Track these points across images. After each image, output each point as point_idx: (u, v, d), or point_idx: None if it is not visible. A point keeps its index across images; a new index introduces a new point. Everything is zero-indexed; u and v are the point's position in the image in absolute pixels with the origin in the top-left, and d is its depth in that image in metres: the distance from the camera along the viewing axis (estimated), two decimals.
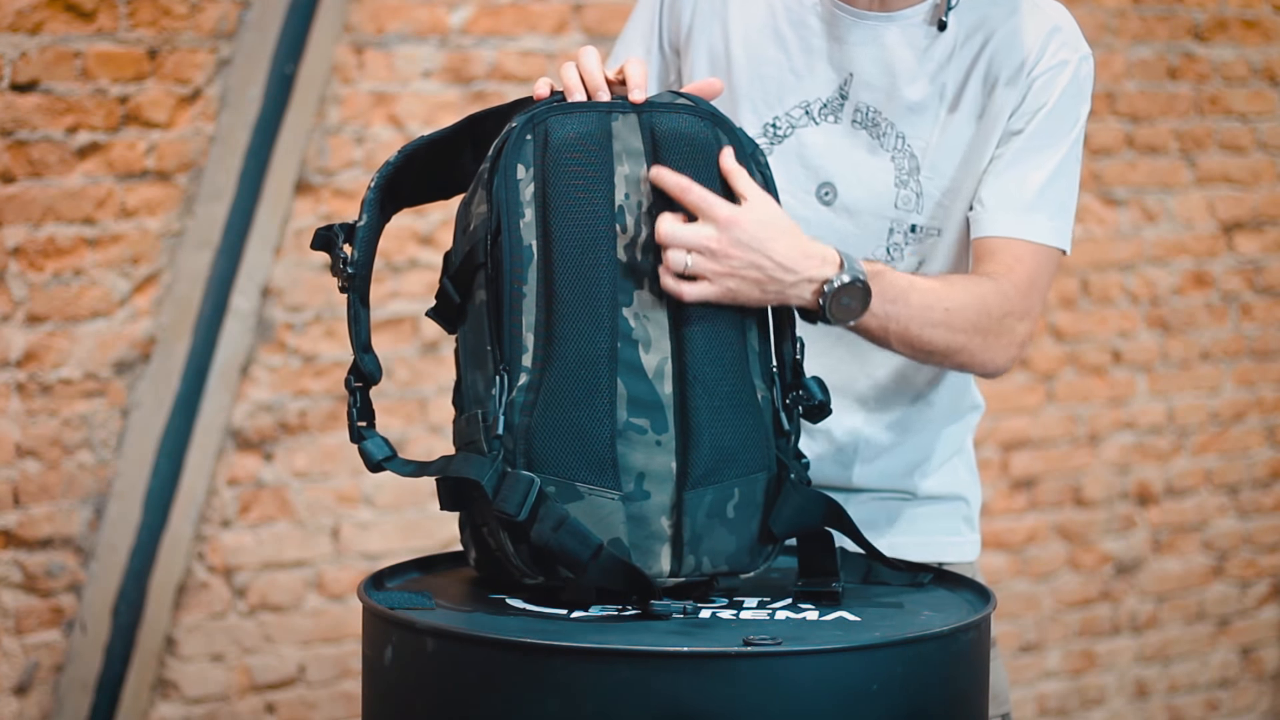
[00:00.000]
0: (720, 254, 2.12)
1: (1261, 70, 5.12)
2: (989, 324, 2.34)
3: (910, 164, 2.44)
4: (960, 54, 2.43)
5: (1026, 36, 2.42)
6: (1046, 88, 2.42)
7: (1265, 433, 5.24)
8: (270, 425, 3.98)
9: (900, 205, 2.44)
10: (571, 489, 2.07)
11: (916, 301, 2.28)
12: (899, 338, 2.29)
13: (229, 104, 3.86)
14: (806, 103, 2.46)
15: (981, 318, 2.34)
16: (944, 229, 2.45)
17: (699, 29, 2.49)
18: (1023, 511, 4.92)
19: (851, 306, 2.19)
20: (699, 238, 2.12)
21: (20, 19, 3.65)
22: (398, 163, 2.23)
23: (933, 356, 2.34)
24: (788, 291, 2.16)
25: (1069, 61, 2.43)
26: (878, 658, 2.00)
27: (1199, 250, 5.09)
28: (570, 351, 2.09)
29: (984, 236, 2.42)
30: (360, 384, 2.19)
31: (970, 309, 2.33)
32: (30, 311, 3.72)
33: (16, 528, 3.74)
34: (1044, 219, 2.42)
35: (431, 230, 4.09)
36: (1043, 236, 2.42)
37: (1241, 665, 5.27)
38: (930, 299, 2.29)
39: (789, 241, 2.16)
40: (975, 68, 2.43)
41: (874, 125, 2.45)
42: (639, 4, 2.56)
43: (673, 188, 2.12)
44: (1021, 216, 2.41)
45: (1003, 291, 2.36)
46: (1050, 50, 2.42)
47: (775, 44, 2.46)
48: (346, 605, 4.07)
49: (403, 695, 2.06)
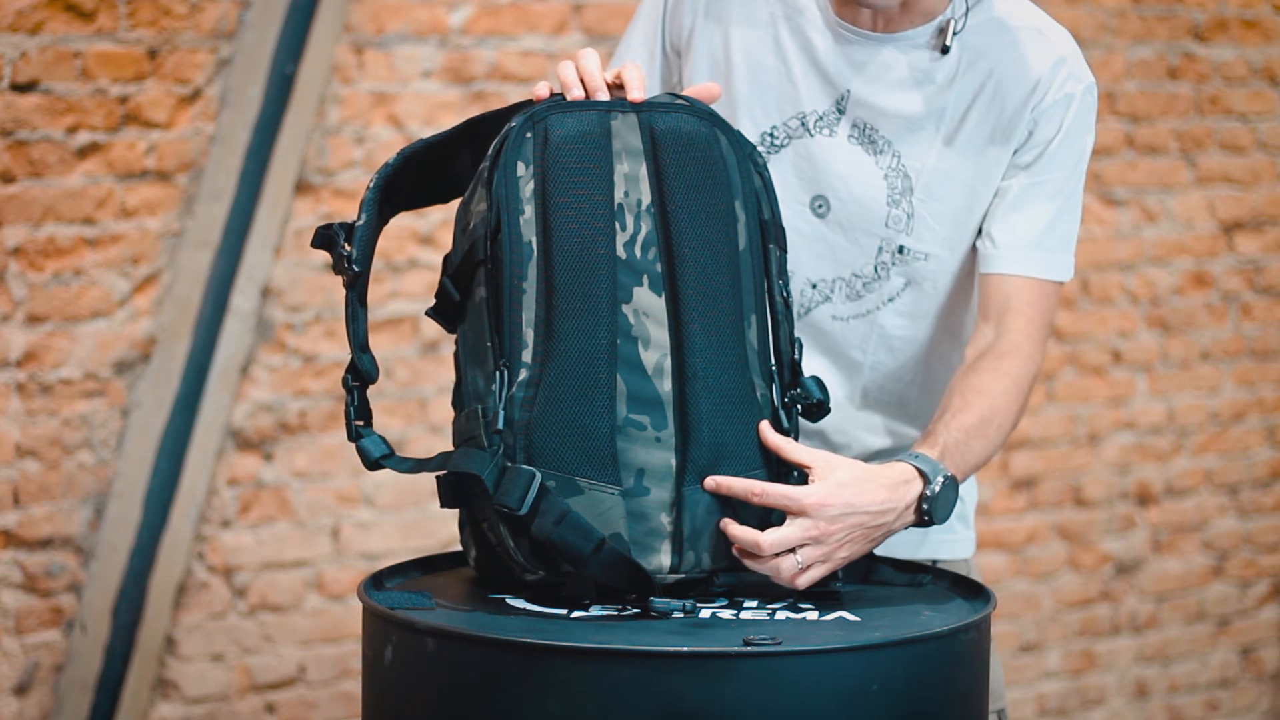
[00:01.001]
0: (824, 538, 2.13)
1: (1261, 70, 5.11)
2: (1026, 401, 2.40)
3: (904, 184, 2.44)
4: (963, 80, 2.43)
5: (1032, 68, 2.42)
6: (1053, 122, 2.42)
7: (1265, 433, 5.24)
8: (270, 425, 3.98)
9: (890, 225, 2.44)
10: (572, 484, 2.08)
11: (978, 445, 2.31)
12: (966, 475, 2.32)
13: (229, 104, 3.86)
14: (803, 114, 2.45)
15: (1022, 402, 2.39)
16: (934, 254, 2.44)
17: (700, 32, 2.49)
18: (1023, 511, 4.92)
19: (950, 499, 2.22)
20: (800, 535, 2.12)
21: (20, 19, 3.65)
22: (396, 165, 2.24)
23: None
24: (895, 525, 2.19)
25: (1074, 95, 2.43)
26: (878, 658, 2.00)
27: (1199, 250, 5.09)
28: (570, 347, 2.09)
29: (996, 274, 2.44)
30: (358, 383, 2.20)
31: (1014, 409, 2.37)
32: (30, 311, 3.72)
33: (16, 528, 3.74)
34: (1054, 256, 2.45)
35: (431, 230, 4.09)
36: (1053, 274, 2.45)
37: (1241, 665, 5.27)
38: (985, 430, 2.32)
39: (871, 489, 2.17)
40: (980, 96, 2.43)
41: (871, 142, 2.45)
42: (643, 5, 2.56)
43: (743, 494, 2.12)
44: (1034, 255, 2.43)
45: (1030, 358, 2.41)
46: (1057, 83, 2.42)
47: (775, 53, 2.46)
48: (346, 605, 4.07)
49: (403, 695, 2.06)
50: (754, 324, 2.18)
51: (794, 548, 2.12)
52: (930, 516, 2.20)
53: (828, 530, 2.13)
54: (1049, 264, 2.44)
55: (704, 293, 2.14)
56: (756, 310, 2.18)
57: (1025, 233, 2.43)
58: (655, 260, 2.13)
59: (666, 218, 2.15)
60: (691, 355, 2.12)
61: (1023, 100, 2.42)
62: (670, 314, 2.13)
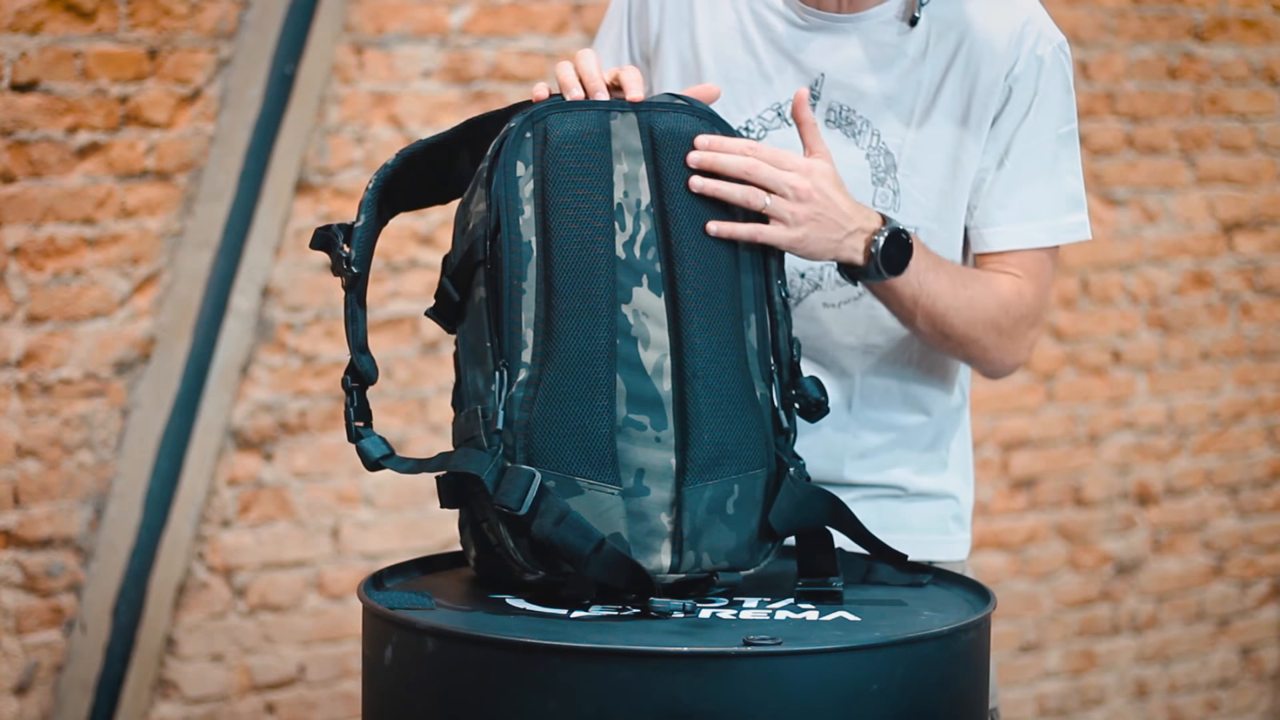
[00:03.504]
0: (805, 197, 2.20)
1: (1261, 70, 5.11)
2: (1006, 323, 2.40)
3: (886, 161, 2.45)
4: (935, 50, 2.44)
5: (1000, 33, 2.43)
6: (1027, 87, 2.43)
7: (1265, 433, 5.24)
8: (270, 425, 3.99)
9: (878, 203, 2.44)
10: (571, 484, 2.08)
11: (945, 280, 2.35)
12: (926, 313, 2.34)
13: (229, 104, 3.86)
14: (778, 104, 2.46)
15: (1000, 315, 2.40)
16: (923, 228, 2.45)
17: (667, 37, 2.50)
18: (1023, 511, 4.92)
19: (896, 260, 2.27)
20: (786, 178, 2.19)
21: (20, 19, 3.65)
22: (395, 166, 2.24)
23: (949, 341, 2.38)
24: (845, 242, 2.25)
25: (1044, 57, 2.44)
26: (878, 658, 2.00)
27: (1199, 250, 5.09)
28: (570, 347, 2.09)
29: (992, 250, 2.46)
30: (357, 384, 2.20)
31: (991, 303, 2.40)
32: (30, 311, 3.72)
33: (16, 528, 3.74)
34: (1049, 223, 2.44)
35: (431, 230, 4.10)
36: (1050, 239, 2.45)
37: (1241, 665, 5.27)
38: (957, 283, 2.36)
39: (844, 194, 2.25)
40: (953, 66, 2.43)
41: (848, 124, 2.45)
42: (607, 16, 2.57)
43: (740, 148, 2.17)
44: (1026, 226, 2.44)
45: (1021, 294, 2.43)
46: (1026, 45, 2.43)
47: (744, 48, 2.47)
48: (346, 605, 4.07)
49: (403, 695, 2.06)
50: (753, 324, 2.18)
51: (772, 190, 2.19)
52: (875, 255, 2.25)
53: (810, 194, 2.21)
54: (1048, 231, 2.45)
55: (703, 293, 2.14)
56: (756, 310, 2.19)
57: (1019, 206, 2.45)
58: (655, 260, 2.13)
59: (666, 218, 2.15)
60: (691, 355, 2.12)
61: (995, 66, 2.43)
62: (670, 314, 2.13)
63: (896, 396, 2.52)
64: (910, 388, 2.52)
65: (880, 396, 2.51)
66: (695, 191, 2.15)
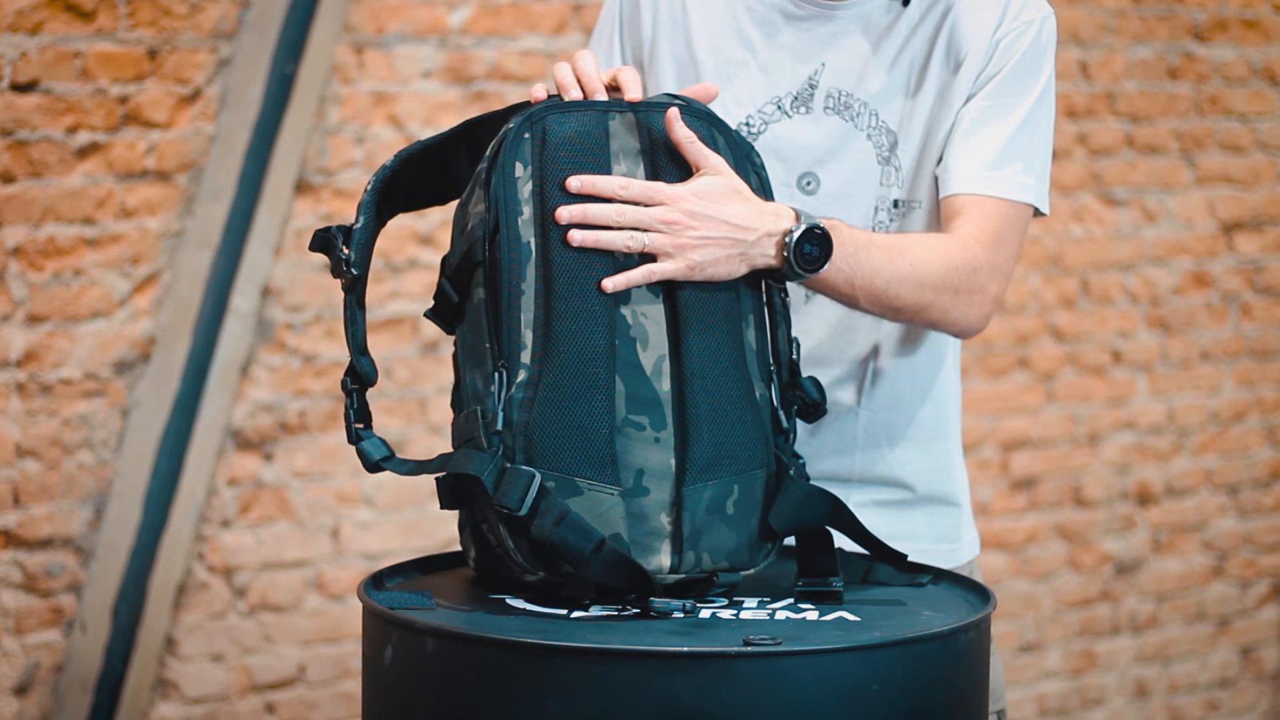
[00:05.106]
0: (679, 226, 2.13)
1: (1261, 70, 5.12)
2: (958, 280, 2.34)
3: (889, 139, 2.45)
4: (923, 26, 2.44)
5: (987, 3, 2.43)
6: (1009, 51, 2.43)
7: (1265, 433, 5.24)
8: (270, 425, 3.99)
9: (885, 182, 2.44)
10: (571, 484, 2.08)
11: (879, 255, 2.27)
12: (867, 293, 2.28)
13: (229, 104, 3.86)
14: (778, 97, 2.46)
15: (950, 273, 2.33)
16: (920, 199, 2.45)
17: (662, 40, 2.49)
18: (1023, 511, 4.92)
19: (815, 255, 2.19)
20: (654, 214, 2.12)
21: (20, 19, 3.65)
22: (394, 167, 2.24)
23: (902, 314, 2.34)
24: (751, 252, 2.17)
25: (1032, 22, 2.43)
26: (878, 658, 2.00)
27: (1199, 250, 5.09)
28: (569, 348, 2.09)
29: (950, 196, 2.42)
30: (357, 386, 2.20)
31: (936, 264, 2.32)
32: (30, 311, 3.72)
33: (16, 528, 3.74)
34: (1009, 175, 2.41)
35: (431, 230, 4.10)
36: (1008, 192, 2.41)
37: (1241, 665, 5.27)
38: (893, 254, 2.29)
39: (741, 201, 2.17)
40: (939, 38, 2.44)
41: (846, 108, 2.45)
42: (597, 25, 2.57)
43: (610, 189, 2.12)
44: (985, 173, 2.41)
45: (967, 247, 2.36)
46: (1011, 14, 2.43)
47: (740, 45, 2.47)
48: (346, 605, 4.07)
49: (403, 695, 2.06)
50: (752, 324, 2.18)
51: (646, 230, 2.11)
52: (789, 258, 2.17)
53: (685, 222, 2.12)
54: (1006, 183, 2.40)
55: (702, 293, 2.14)
56: (754, 310, 2.19)
57: (979, 154, 2.41)
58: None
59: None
60: (690, 356, 2.12)
61: (982, 33, 2.42)
62: (668, 314, 2.13)
63: (904, 390, 2.52)
64: (916, 381, 2.52)
65: (886, 391, 2.51)
66: (575, 246, 2.11)
